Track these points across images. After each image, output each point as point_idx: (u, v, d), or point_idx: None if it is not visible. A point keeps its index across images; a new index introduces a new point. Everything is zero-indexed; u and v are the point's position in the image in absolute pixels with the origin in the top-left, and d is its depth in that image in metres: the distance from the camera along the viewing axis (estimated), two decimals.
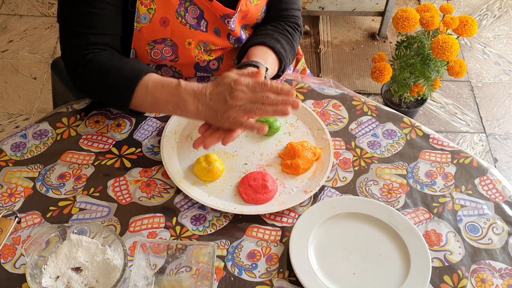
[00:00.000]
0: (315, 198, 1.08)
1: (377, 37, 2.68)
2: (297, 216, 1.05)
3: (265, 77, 1.13)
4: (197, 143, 1.03)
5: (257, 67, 1.13)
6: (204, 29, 1.19)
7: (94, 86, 1.13)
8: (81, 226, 0.95)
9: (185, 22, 1.15)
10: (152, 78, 1.08)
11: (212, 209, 1.05)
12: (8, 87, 2.43)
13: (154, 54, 1.19)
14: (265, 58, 1.18)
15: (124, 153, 1.13)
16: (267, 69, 1.16)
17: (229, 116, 1.00)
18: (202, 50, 1.22)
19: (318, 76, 2.51)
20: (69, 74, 1.15)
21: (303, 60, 1.50)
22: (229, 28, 1.20)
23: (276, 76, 1.25)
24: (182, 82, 1.05)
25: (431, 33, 1.97)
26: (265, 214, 1.05)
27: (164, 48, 1.18)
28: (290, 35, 1.28)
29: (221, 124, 1.03)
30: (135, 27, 1.14)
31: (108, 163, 1.11)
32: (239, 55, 1.26)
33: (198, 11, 1.16)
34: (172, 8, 1.13)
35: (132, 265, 0.92)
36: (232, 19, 1.19)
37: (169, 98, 1.05)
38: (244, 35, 1.25)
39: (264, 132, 1.01)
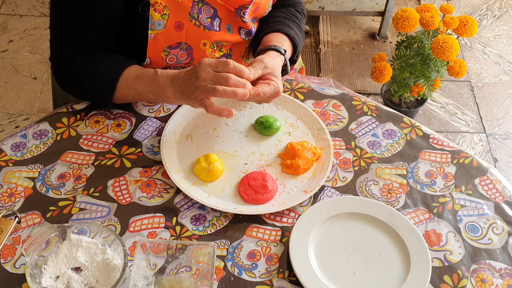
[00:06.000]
0: (315, 198, 1.08)
1: (377, 37, 2.68)
2: (297, 216, 1.05)
3: (284, 59, 1.19)
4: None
5: (277, 50, 1.18)
6: (218, 28, 1.20)
7: (76, 87, 1.19)
8: (81, 226, 0.95)
9: (198, 24, 1.16)
10: (131, 71, 1.14)
11: (212, 209, 1.05)
12: (8, 87, 2.43)
13: (169, 60, 1.20)
14: (281, 43, 1.22)
15: (124, 153, 1.13)
16: (285, 51, 1.20)
17: (196, 97, 1.05)
18: (215, 48, 1.24)
19: (318, 76, 2.51)
20: (55, 75, 1.22)
21: (300, 59, 1.50)
22: (244, 19, 1.22)
23: (292, 62, 1.29)
24: (159, 70, 1.12)
25: (431, 33, 1.97)
26: (265, 214, 1.05)
27: (180, 53, 1.19)
28: (299, 21, 1.33)
29: (194, 105, 1.08)
30: (149, 35, 1.14)
31: (108, 163, 1.11)
32: (253, 44, 1.30)
33: (212, 10, 1.17)
34: (185, 11, 1.14)
35: (132, 265, 0.92)
36: (247, 9, 1.20)
37: (149, 88, 1.11)
38: (253, 28, 1.28)
39: (231, 115, 1.04)
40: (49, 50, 1.20)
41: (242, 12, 1.20)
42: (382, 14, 2.58)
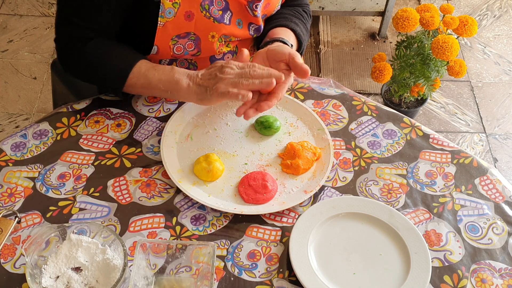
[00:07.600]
0: (315, 198, 1.08)
1: (377, 37, 2.68)
2: (297, 216, 1.05)
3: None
4: (240, 111, 1.08)
5: (284, 43, 1.19)
6: (228, 22, 1.21)
7: (86, 69, 1.19)
8: (81, 226, 0.95)
9: (209, 15, 1.17)
10: (145, 62, 1.16)
11: (212, 209, 1.05)
12: (8, 87, 2.43)
13: (176, 49, 1.20)
14: (288, 37, 1.23)
15: (124, 153, 1.13)
16: (292, 45, 1.21)
17: (218, 88, 1.07)
18: (223, 42, 1.25)
19: (318, 76, 2.51)
20: (59, 57, 1.21)
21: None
22: (256, 13, 1.22)
23: None
24: (175, 66, 1.14)
25: (431, 33, 1.97)
26: (265, 214, 1.05)
27: (187, 43, 1.20)
28: (305, 20, 1.35)
29: (209, 99, 1.09)
30: (159, 22, 1.15)
31: (108, 163, 1.11)
32: (258, 40, 1.31)
33: (224, 2, 1.18)
34: (196, 2, 1.15)
35: (132, 265, 0.92)
36: (260, 2, 1.21)
37: (162, 77, 1.12)
38: (262, 25, 1.29)
39: (248, 99, 1.05)
40: (54, 31, 1.19)
41: (254, 6, 1.21)
42: (382, 14, 2.58)
